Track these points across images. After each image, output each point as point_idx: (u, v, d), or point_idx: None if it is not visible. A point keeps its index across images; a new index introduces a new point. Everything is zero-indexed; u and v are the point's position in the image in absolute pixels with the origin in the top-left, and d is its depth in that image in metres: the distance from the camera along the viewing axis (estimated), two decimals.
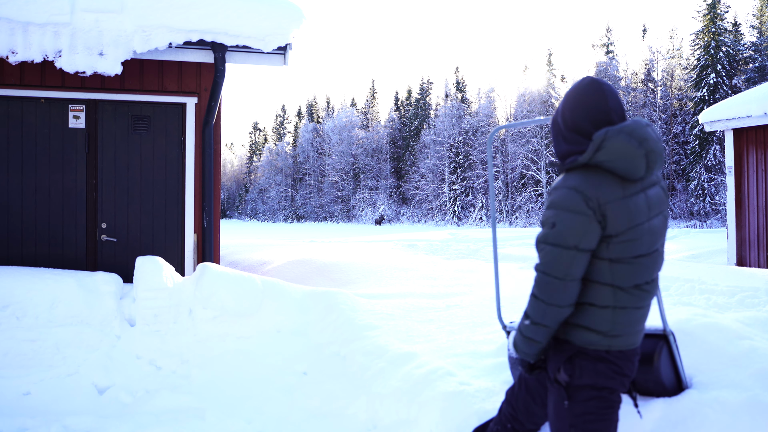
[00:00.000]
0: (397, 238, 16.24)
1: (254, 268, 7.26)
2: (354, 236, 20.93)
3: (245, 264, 7.66)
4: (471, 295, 4.75)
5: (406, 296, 4.65)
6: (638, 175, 1.44)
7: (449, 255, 9.28)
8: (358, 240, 16.52)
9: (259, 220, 61.53)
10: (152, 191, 4.70)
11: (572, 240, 1.38)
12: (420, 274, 6.19)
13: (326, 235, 22.45)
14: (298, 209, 56.71)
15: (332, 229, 33.48)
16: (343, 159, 51.73)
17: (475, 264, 7.46)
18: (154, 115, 4.74)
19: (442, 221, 41.02)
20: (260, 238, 18.12)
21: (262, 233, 26.59)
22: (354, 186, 51.55)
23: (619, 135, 1.42)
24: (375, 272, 6.24)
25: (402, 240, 14.54)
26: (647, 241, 1.47)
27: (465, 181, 42.03)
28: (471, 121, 42.08)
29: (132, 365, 3.43)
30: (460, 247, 10.88)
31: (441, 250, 10.21)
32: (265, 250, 9.08)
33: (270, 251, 8.90)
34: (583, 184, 1.41)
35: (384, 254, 8.78)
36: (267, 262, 7.54)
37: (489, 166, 2.46)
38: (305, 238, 18.22)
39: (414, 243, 11.99)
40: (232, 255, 8.62)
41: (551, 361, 1.52)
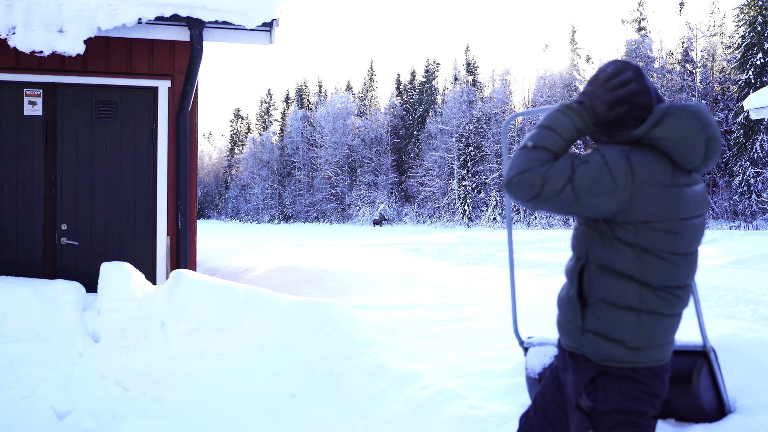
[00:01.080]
0: (399, 242, 16.20)
1: (236, 275, 7.29)
2: (350, 239, 20.93)
3: (225, 271, 7.67)
4: (483, 306, 4.75)
5: (410, 307, 4.66)
6: (694, 164, 1.43)
7: (458, 260, 9.18)
8: (354, 243, 16.48)
9: (242, 220, 61.61)
10: (119, 188, 4.72)
11: (584, 179, 1.36)
12: (425, 282, 6.18)
13: (318, 238, 22.41)
14: (286, 208, 56.78)
15: (325, 231, 33.42)
16: (338, 151, 51.80)
17: (488, 271, 7.45)
18: (122, 100, 4.75)
19: (451, 222, 41.09)
20: (243, 242, 18.18)
21: (244, 236, 26.59)
22: (350, 182, 51.61)
23: (683, 112, 1.42)
24: (374, 280, 6.24)
25: (404, 243, 14.52)
26: (687, 239, 1.45)
27: (476, 176, 42.09)
28: (483, 108, 42.14)
29: (96, 386, 3.42)
30: (471, 251, 10.80)
31: (449, 255, 10.11)
32: (249, 255, 9.07)
33: (254, 256, 8.88)
34: (633, 153, 1.40)
35: (384, 260, 8.73)
36: (250, 268, 7.54)
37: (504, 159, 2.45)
38: (294, 242, 18.21)
39: (418, 247, 11.86)
40: (210, 260, 8.65)
41: (571, 383, 1.50)
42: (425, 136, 46.07)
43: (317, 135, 54.73)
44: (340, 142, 51.64)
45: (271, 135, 61.94)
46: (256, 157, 60.77)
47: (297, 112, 58.05)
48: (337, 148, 51.76)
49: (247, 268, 7.64)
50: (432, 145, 44.55)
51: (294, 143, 57.55)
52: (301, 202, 54.98)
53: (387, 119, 51.30)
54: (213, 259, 8.75)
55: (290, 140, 57.86)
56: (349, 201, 50.15)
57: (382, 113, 52.92)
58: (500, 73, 43.28)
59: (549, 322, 4.12)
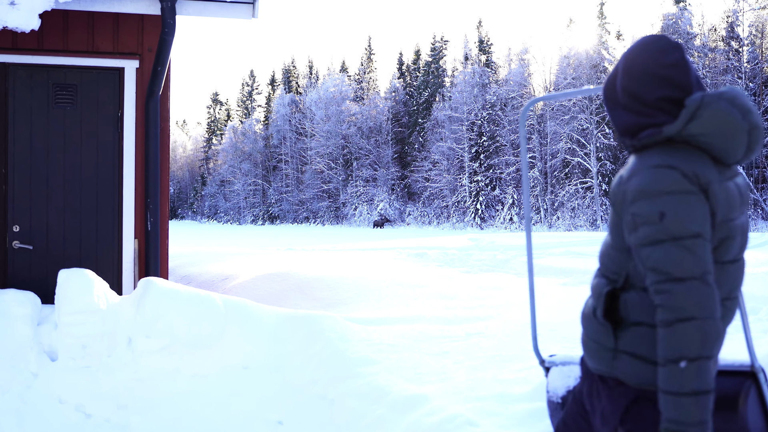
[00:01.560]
0: (402, 245, 16.31)
1: (214, 284, 7.34)
2: (345, 242, 20.97)
3: (202, 279, 7.72)
4: (498, 319, 4.78)
5: (414, 321, 4.67)
6: (737, 157, 1.45)
7: (470, 267, 9.29)
8: (350, 247, 16.53)
9: (221, 221, 61.66)
10: (80, 184, 4.72)
11: (694, 226, 1.34)
12: (431, 292, 6.21)
13: (308, 241, 22.51)
14: (272, 207, 56.87)
15: (316, 234, 33.51)
16: (331, 141, 51.88)
17: (504, 279, 7.47)
18: (83, 83, 4.75)
19: (461, 223, 41.12)
20: (222, 245, 18.24)
21: (224, 238, 26.66)
22: (345, 177, 51.68)
23: (719, 102, 1.42)
24: (372, 290, 6.26)
25: (407, 248, 14.59)
26: (739, 242, 1.47)
27: (490, 170, 42.16)
28: (498, 92, 42.18)
29: (53, 411, 3.42)
30: (485, 256, 10.87)
31: (459, 261, 10.23)
32: (228, 261, 9.12)
33: (234, 262, 8.92)
34: (672, 159, 1.40)
35: (384, 266, 8.80)
36: (230, 276, 7.57)
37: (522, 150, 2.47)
38: (281, 245, 18.30)
39: (423, 251, 11.97)
40: (184, 267, 8.71)
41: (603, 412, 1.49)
42: (431, 124, 46.13)
43: (307, 123, 54.78)
44: (334, 131, 51.69)
45: (254, 123, 62.00)
46: (237, 149, 60.83)
47: (284, 97, 58.07)
48: (330, 137, 51.81)
49: (227, 275, 7.68)
50: (439, 134, 44.60)
51: (281, 132, 57.58)
52: (288, 201, 55.05)
53: (387, 105, 51.33)
54: (187, 266, 8.80)
55: (276, 129, 57.91)
56: (343, 199, 50.22)
57: (381, 98, 52.93)
58: (518, 52, 43.33)
59: (573, 338, 4.11)
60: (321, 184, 52.15)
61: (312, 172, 52.79)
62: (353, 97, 53.82)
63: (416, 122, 49.62)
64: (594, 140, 36.18)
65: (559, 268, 8.85)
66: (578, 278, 7.60)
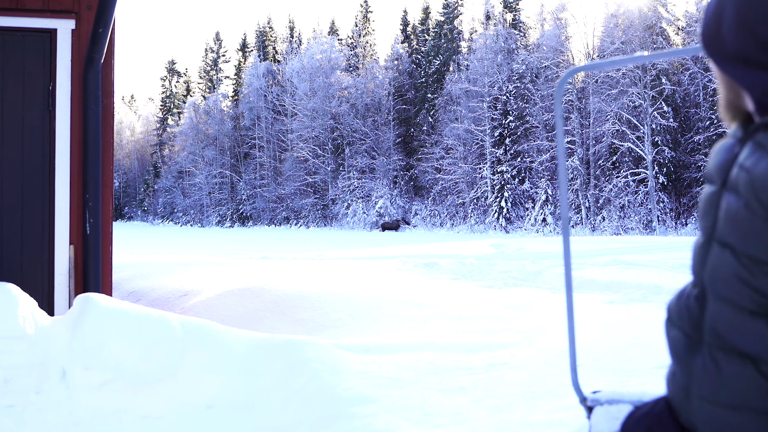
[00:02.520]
0: (407, 253, 16.14)
1: (170, 301, 7.35)
2: (335, 249, 20.85)
3: (155, 295, 7.74)
4: (528, 346, 4.79)
5: (422, 349, 4.68)
6: None
7: (492, 281, 9.28)
8: (341, 256, 16.37)
9: (178, 222, 61.67)
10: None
11: None
12: (444, 312, 6.21)
13: (289, 248, 22.35)
14: (243, 205, 56.89)
15: (299, 239, 33.41)
16: (317, 122, 51.88)
17: (536, 295, 7.48)
18: (4, 48, 4.76)
19: (481, 225, 41.19)
20: (180, 253, 17.97)
21: (183, 244, 26.60)
22: (335, 166, 51.68)
23: None
24: (369, 309, 6.25)
25: (414, 256, 14.49)
26: None
27: (518, 158, 42.13)
28: (528, 60, 42.22)
29: None
30: (511, 267, 10.84)
31: (479, 273, 10.24)
32: (189, 273, 9.14)
33: (196, 274, 8.94)
34: None
35: (385, 279, 8.81)
36: (191, 292, 7.58)
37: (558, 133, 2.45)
38: (254, 253, 18.17)
39: (434, 261, 11.88)
40: (133, 280, 8.72)
41: None
42: (444, 100, 46.02)
43: (287, 99, 54.78)
44: (321, 108, 51.60)
45: (220, 99, 62.04)
46: (199, 131, 60.83)
47: (258, 66, 58.04)
48: (317, 117, 51.73)
49: (186, 291, 7.67)
50: (454, 113, 44.53)
51: (254, 111, 57.56)
52: (264, 197, 55.05)
53: (388, 76, 51.31)
54: (136, 279, 8.81)
55: (248, 106, 57.87)
56: (333, 194, 50.20)
57: (381, 68, 52.95)
58: (552, 10, 43.43)
59: (622, 370, 4.11)
60: (305, 176, 52.10)
61: (293, 161, 52.77)
62: (345, 67, 53.82)
63: (424, 98, 49.62)
64: (649, 121, 36.20)
65: (604, 282, 8.86)
66: (629, 295, 7.56)
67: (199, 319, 4.18)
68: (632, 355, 4.48)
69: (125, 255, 12.46)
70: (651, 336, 5.01)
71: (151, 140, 72.55)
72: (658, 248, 16.23)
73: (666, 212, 35.93)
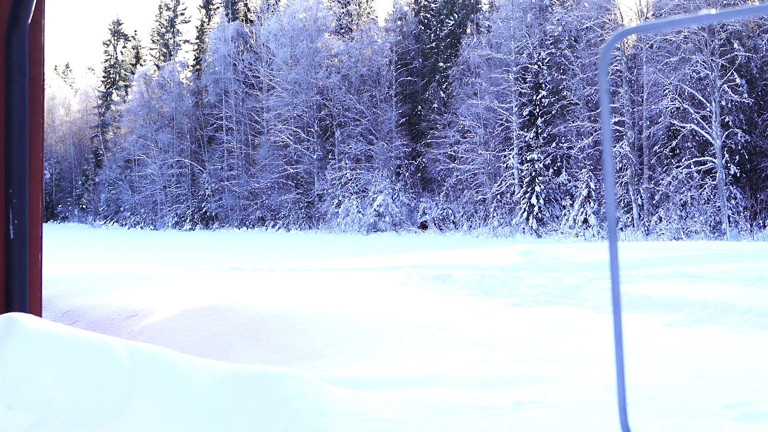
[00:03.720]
0: (413, 263, 16.16)
1: (115, 324, 7.34)
2: (322, 258, 20.88)
3: (96, 316, 7.73)
4: (565, 380, 4.80)
5: (431, 383, 4.66)
6: None
7: (520, 297, 9.28)
8: (330, 266, 16.45)
9: (125, 224, 61.61)
10: None
11: None
12: (459, 336, 6.21)
13: (264, 256, 22.38)
14: (207, 202, 56.74)
15: (277, 244, 33.39)
16: (300, 98, 51.77)
17: (574, 316, 7.47)
18: None
19: (506, 227, 41.15)
20: (128, 263, 18.15)
21: (131, 252, 26.57)
22: (322, 154, 51.53)
23: None
24: (366, 333, 6.28)
25: (422, 266, 14.51)
26: None
27: (553, 143, 41.99)
28: (566, 20, 42.18)
29: None
30: (544, 280, 10.91)
31: (503, 288, 10.28)
32: (139, 288, 9.18)
33: (148, 290, 8.98)
34: None
35: (385, 296, 8.89)
36: (142, 312, 7.56)
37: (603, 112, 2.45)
38: (221, 262, 18.24)
39: (447, 273, 11.95)
40: (68, 297, 8.71)
41: None
42: (459, 71, 45.94)
43: (262, 68, 54.61)
44: (305, 81, 51.40)
45: (177, 69, 61.95)
46: (152, 110, 60.71)
47: (226, 28, 57.91)
48: (299, 92, 51.56)
49: (136, 311, 7.62)
50: (472, 86, 44.40)
51: (220, 84, 57.38)
52: (233, 192, 54.90)
53: (390, 40, 51.25)
54: (73, 295, 8.79)
55: (213, 78, 57.70)
56: (320, 189, 50.01)
57: (380, 29, 52.88)
58: None
59: (684, 409, 4.12)
60: (284, 166, 51.90)
61: (270, 148, 52.63)
62: (335, 29, 53.74)
63: (435, 68, 49.47)
64: (717, 96, 36.08)
65: (661, 299, 8.84)
66: (692, 315, 7.46)
67: (151, 346, 4.15)
68: (696, 390, 4.43)
69: (59, 265, 12.51)
70: (720, 367, 4.97)
71: (91, 121, 72.57)
72: (728, 256, 16.20)
73: (739, 211, 35.63)
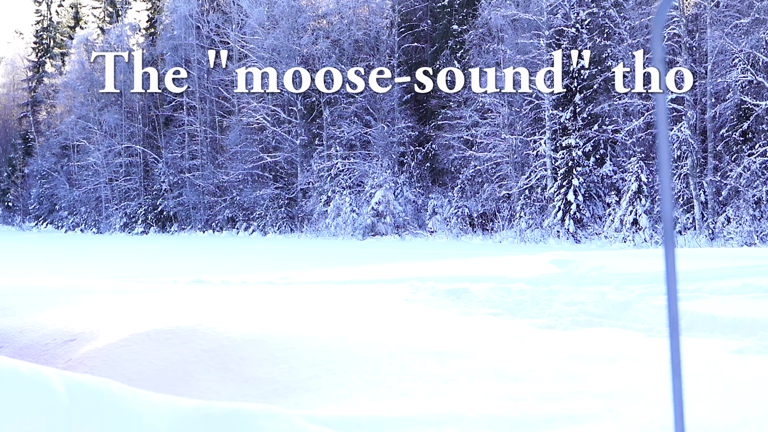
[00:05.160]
0: (420, 274, 16.51)
1: (49, 350, 7.45)
2: (307, 268, 21.76)
3: (25, 341, 7.86)
4: (609, 419, 4.87)
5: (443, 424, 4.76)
6: None
7: (554, 318, 9.28)
8: (317, 278, 16.99)
9: (62, 226, 62.07)
10: None
11: None
12: (478, 365, 6.25)
13: (235, 266, 23.00)
14: (163, 199, 56.67)
15: (251, 251, 34.07)
16: (280, 69, 51.20)
17: (621, 340, 7.47)
18: None
19: (536, 230, 41.37)
20: (65, 275, 18.64)
21: (69, 260, 27.42)
22: (307, 139, 51.39)
23: None
24: (361, 362, 6.37)
25: (432, 278, 14.57)
26: None
27: (594, 125, 41.47)
28: None
29: None
30: (583, 297, 11.00)
31: (532, 306, 10.30)
32: (79, 306, 9.33)
33: (90, 308, 9.10)
34: None
35: (385, 315, 9.04)
36: (82, 335, 7.63)
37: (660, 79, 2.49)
38: (181, 274, 18.72)
39: (462, 287, 12.00)
40: None
41: None
42: (477, 35, 45.80)
43: (232, 33, 54.51)
44: (286, 48, 51.30)
45: (127, 33, 61.95)
46: (95, 84, 60.71)
47: None
48: (279, 62, 51.46)
49: (75, 334, 7.72)
50: (494, 55, 44.25)
51: (180, 51, 57.22)
52: (196, 186, 54.81)
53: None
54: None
55: (171, 44, 57.62)
56: (304, 182, 49.98)
57: None
58: None
59: None
60: (259, 154, 51.73)
61: (242, 131, 52.31)
62: None
63: (447, 31, 48.97)
64: None
65: (730, 320, 8.95)
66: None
67: (94, 379, 4.20)
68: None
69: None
70: None
71: (19, 98, 72.87)
72: None
73: None
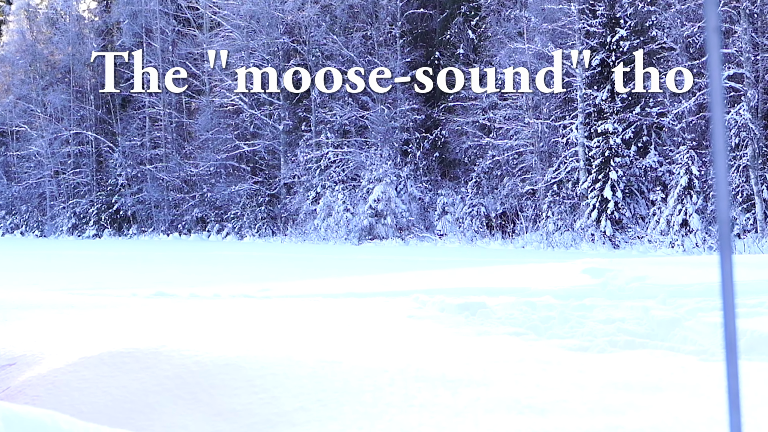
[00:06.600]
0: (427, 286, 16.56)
1: None
2: (292, 279, 21.66)
3: None
4: None
5: None
6: None
7: (587, 338, 9.17)
8: (304, 291, 16.88)
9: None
10: None
11: None
12: (496, 396, 6.23)
13: (206, 277, 23.22)
14: (120, 196, 55.75)
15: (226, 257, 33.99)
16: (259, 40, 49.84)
17: (668, 365, 7.41)
18: None
19: (566, 232, 39.56)
20: (1, 287, 18.39)
21: (6, 270, 27.91)
22: (291, 123, 50.04)
23: None
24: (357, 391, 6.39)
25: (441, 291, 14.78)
26: None
27: (636, 107, 39.27)
28: None
29: None
30: (622, 313, 10.61)
31: (562, 324, 10.06)
32: (18, 324, 9.37)
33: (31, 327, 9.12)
34: None
35: (386, 335, 8.93)
36: (23, 359, 7.74)
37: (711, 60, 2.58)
38: (141, 285, 18.76)
39: (477, 301, 11.91)
40: None
41: None
42: (496, 1, 43.49)
43: None
44: (266, 14, 48.92)
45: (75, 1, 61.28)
46: (38, 58, 60.25)
47: None
48: (259, 31, 49.70)
49: (14, 358, 7.82)
50: (515, 23, 42.48)
51: (140, 18, 54.90)
52: (158, 180, 53.67)
53: None
54: None
55: (129, 10, 55.06)
56: (288, 176, 48.36)
57: None
58: None
59: None
60: (235, 142, 49.96)
61: (214, 114, 50.68)
62: None
63: (458, 7, 47.25)
64: None
65: None
66: None
67: (38, 411, 4.44)
68: None
69: None
70: None
71: None
72: None
73: None
